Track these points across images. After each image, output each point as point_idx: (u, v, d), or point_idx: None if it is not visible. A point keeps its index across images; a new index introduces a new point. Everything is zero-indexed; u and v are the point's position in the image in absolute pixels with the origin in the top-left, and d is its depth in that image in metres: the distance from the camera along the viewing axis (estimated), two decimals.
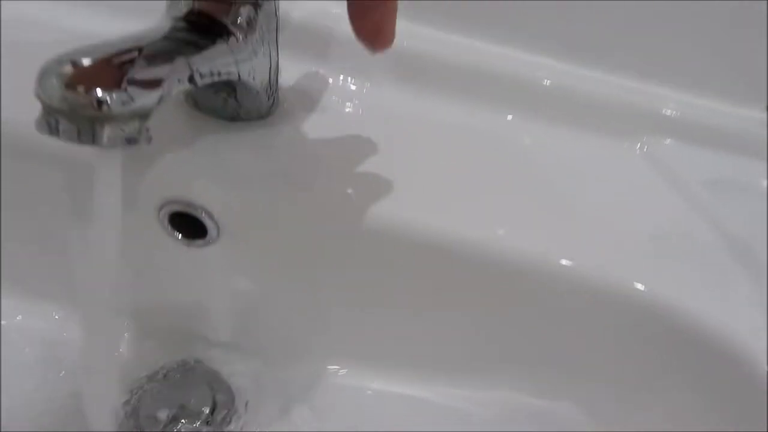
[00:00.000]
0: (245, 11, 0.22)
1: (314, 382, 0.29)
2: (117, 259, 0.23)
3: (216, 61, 0.21)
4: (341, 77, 0.32)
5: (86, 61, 0.15)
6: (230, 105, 0.25)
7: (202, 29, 0.21)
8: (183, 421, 0.27)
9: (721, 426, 0.23)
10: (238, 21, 0.22)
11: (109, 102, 0.14)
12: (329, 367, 0.29)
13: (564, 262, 0.25)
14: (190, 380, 0.29)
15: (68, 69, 0.14)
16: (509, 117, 0.33)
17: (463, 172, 0.28)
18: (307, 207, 0.25)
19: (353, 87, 0.32)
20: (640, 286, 0.24)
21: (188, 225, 0.25)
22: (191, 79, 0.19)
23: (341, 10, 0.31)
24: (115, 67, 0.15)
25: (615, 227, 0.28)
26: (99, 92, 0.14)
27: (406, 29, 0.33)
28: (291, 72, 0.30)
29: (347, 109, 0.31)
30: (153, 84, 0.16)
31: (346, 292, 0.28)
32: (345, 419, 0.28)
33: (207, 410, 0.27)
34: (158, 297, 0.29)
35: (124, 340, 0.29)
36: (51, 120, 0.14)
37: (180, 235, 0.26)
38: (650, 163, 0.34)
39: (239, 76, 0.23)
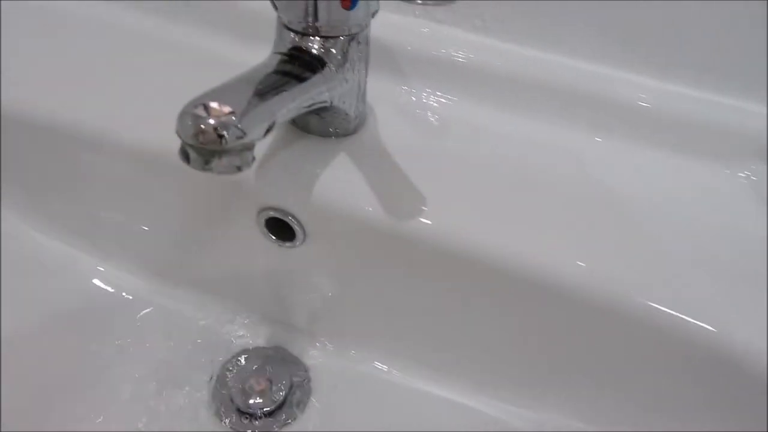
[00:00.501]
0: (340, 44, 0.25)
1: (371, 375, 0.32)
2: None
3: (312, 92, 0.24)
4: (424, 93, 0.34)
5: (213, 105, 0.19)
6: (321, 124, 0.29)
7: (302, 62, 0.24)
8: (260, 397, 0.31)
9: None
10: (333, 53, 0.25)
11: (227, 139, 0.18)
12: (387, 364, 0.32)
13: (651, 302, 0.24)
14: (273, 360, 0.33)
15: (200, 111, 0.18)
16: (598, 139, 0.33)
17: (545, 195, 0.29)
18: (383, 218, 0.27)
19: (435, 103, 0.34)
20: (727, 334, 0.24)
21: (281, 228, 0.30)
22: (292, 112, 0.22)
23: (429, 30, 0.34)
24: (234, 108, 0.19)
25: (710, 266, 0.26)
26: (220, 131, 0.18)
27: (492, 46, 0.34)
28: (377, 88, 0.32)
29: (429, 125, 0.33)
30: (262, 120, 0.20)
31: (417, 300, 0.30)
32: (391, 416, 0.30)
33: (286, 386, 0.32)
34: (251, 286, 0.34)
35: (223, 320, 0.34)
36: (186, 151, 0.19)
37: (274, 236, 0.30)
38: (758, 193, 0.32)
39: (331, 102, 0.26)
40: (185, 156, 0.19)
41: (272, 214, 0.29)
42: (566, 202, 0.28)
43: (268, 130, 0.20)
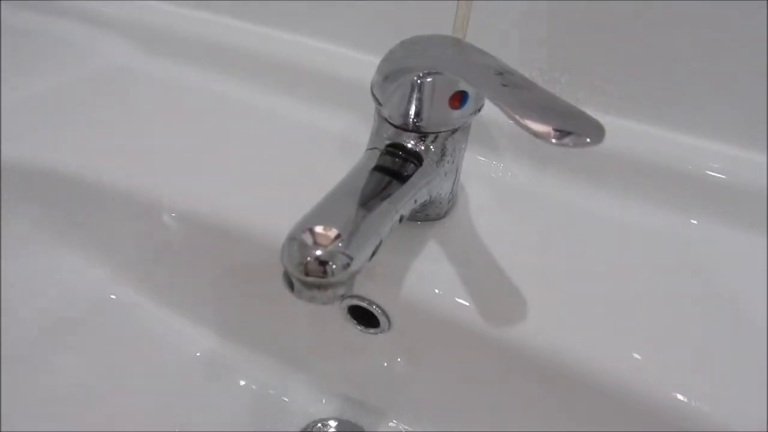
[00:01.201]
0: (441, 139, 0.24)
1: None
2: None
3: (411, 192, 0.23)
4: (517, 169, 0.33)
5: (319, 229, 0.18)
6: (413, 211, 0.28)
7: (400, 159, 0.24)
8: None
9: None
10: (432, 150, 0.24)
11: (334, 272, 0.17)
12: None
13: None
14: None
15: (306, 238, 0.18)
16: (693, 221, 0.30)
17: (631, 283, 0.27)
18: (469, 314, 0.26)
19: (528, 180, 0.32)
20: None
21: (365, 314, 0.29)
22: (396, 223, 0.21)
23: None
24: (341, 231, 0.18)
25: None
26: (327, 265, 0.17)
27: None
28: (468, 162, 0.30)
29: (522, 205, 0.31)
30: (369, 243, 0.19)
31: (495, 398, 0.29)
32: None
33: None
34: (330, 364, 0.33)
35: (300, 393, 0.34)
36: (289, 278, 0.18)
37: (357, 322, 0.29)
38: None
39: (429, 196, 0.25)
40: (289, 284, 0.18)
41: (356, 302, 0.28)
42: (647, 289, 0.27)
43: (374, 254, 0.19)
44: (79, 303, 0.36)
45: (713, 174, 0.30)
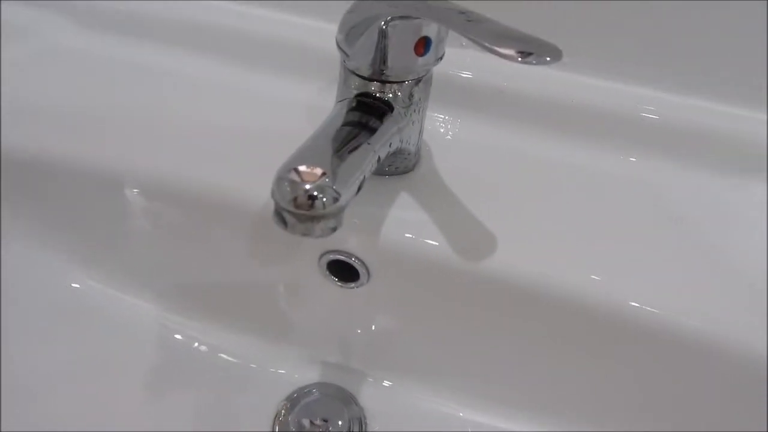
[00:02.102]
0: (406, 87, 0.26)
1: (430, 413, 0.33)
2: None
3: (386, 137, 0.24)
4: (473, 124, 0.35)
5: (303, 168, 0.19)
6: (382, 164, 0.29)
7: (371, 108, 0.25)
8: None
9: None
10: (400, 96, 0.26)
11: (325, 203, 0.19)
12: (448, 403, 0.33)
13: (688, 321, 0.25)
14: (329, 398, 0.34)
15: (294, 176, 0.19)
16: (632, 159, 0.33)
17: (583, 216, 0.30)
18: (450, 256, 0.28)
19: (483, 134, 0.34)
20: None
21: (343, 268, 0.30)
22: (375, 165, 0.23)
23: (471, 59, 0.34)
24: (325, 170, 0.19)
25: (752, 285, 0.27)
26: (318, 197, 0.19)
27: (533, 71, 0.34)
28: (428, 123, 0.32)
29: (480, 155, 0.33)
30: (354, 179, 0.20)
31: (470, 335, 0.31)
32: None
33: (343, 426, 0.32)
34: (310, 327, 0.34)
35: (280, 360, 0.35)
36: (282, 215, 0.19)
37: (337, 279, 0.30)
38: None
39: (400, 143, 0.26)
40: (282, 221, 0.19)
41: (335, 257, 0.29)
42: (623, 231, 0.30)
43: (359, 189, 0.20)
44: (39, 294, 0.34)
45: (648, 116, 0.33)
